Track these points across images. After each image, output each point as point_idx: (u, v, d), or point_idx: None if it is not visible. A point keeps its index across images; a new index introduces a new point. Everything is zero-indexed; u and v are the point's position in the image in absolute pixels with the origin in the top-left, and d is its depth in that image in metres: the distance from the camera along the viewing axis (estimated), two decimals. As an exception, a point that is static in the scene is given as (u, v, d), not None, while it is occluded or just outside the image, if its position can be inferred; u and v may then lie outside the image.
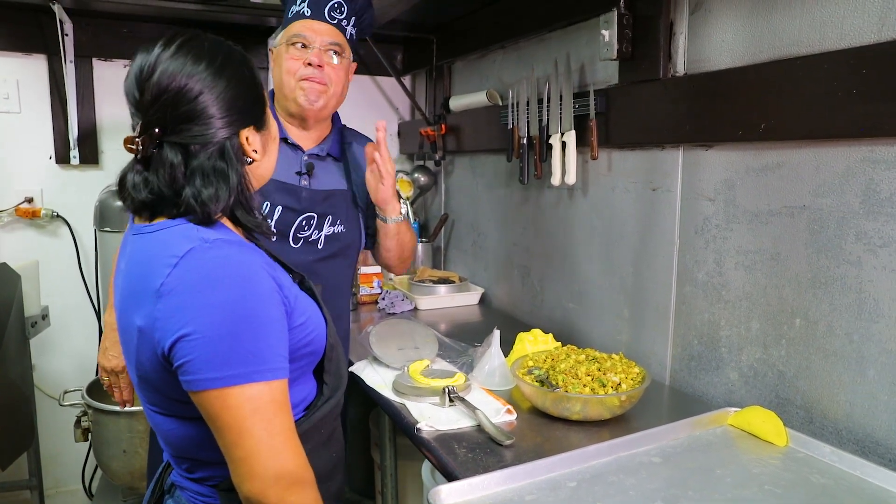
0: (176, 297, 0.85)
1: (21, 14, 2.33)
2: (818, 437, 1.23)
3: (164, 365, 0.88)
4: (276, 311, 0.90)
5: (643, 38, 1.60)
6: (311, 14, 1.53)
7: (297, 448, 0.89)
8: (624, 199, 1.76)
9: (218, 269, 0.87)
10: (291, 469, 0.87)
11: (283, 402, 0.89)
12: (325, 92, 1.53)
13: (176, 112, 0.90)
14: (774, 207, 1.36)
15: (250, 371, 0.85)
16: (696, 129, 1.48)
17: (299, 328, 0.97)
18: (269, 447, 0.86)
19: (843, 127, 1.18)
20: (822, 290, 1.28)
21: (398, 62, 2.99)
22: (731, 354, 1.48)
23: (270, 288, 0.90)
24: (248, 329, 0.86)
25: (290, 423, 0.90)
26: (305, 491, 0.89)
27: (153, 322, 0.87)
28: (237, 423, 0.85)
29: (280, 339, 0.90)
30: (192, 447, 0.96)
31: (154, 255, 0.89)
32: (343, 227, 1.63)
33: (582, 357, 1.50)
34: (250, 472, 0.86)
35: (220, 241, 0.90)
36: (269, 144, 1.04)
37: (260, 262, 0.91)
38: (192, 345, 0.84)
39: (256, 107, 0.99)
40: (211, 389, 0.85)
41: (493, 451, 1.25)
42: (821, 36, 1.25)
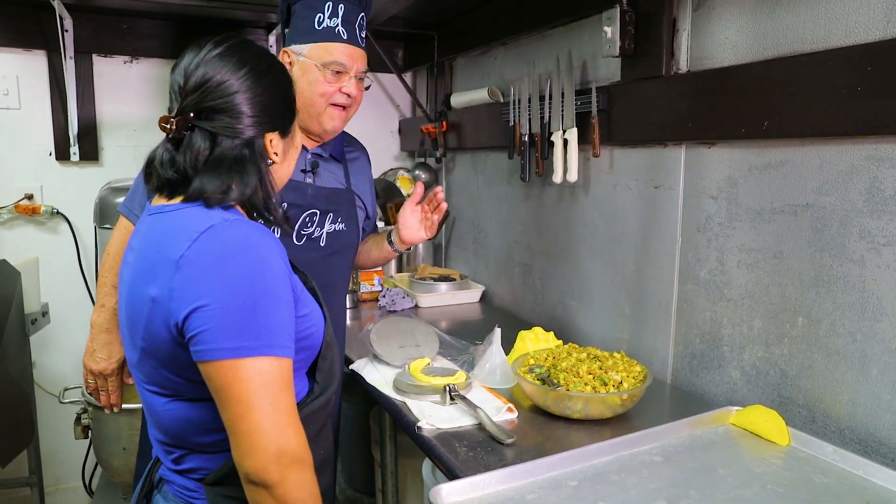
0: (195, 269, 0.88)
1: (21, 10, 2.32)
2: (820, 436, 1.23)
3: (174, 337, 0.90)
4: (287, 295, 0.92)
5: (646, 34, 1.59)
6: (348, 38, 1.52)
7: (299, 427, 0.90)
8: (626, 196, 1.76)
9: (238, 245, 0.90)
10: (294, 447, 0.88)
11: (289, 381, 0.90)
12: (349, 115, 1.58)
13: (212, 102, 0.96)
14: (777, 205, 1.35)
15: (263, 345, 0.87)
16: (698, 126, 1.47)
17: (302, 319, 0.98)
18: (274, 423, 0.87)
19: (847, 124, 1.17)
20: (825, 288, 1.27)
21: (399, 59, 2.98)
22: (734, 353, 1.47)
23: (284, 271, 0.93)
24: (264, 304, 0.88)
25: (293, 402, 0.91)
26: (305, 471, 0.90)
27: (170, 292, 0.88)
28: (246, 395, 0.86)
29: (290, 321, 0.92)
30: (185, 431, 0.97)
31: (174, 230, 0.93)
32: (344, 225, 1.64)
33: (583, 355, 1.49)
34: (254, 447, 0.86)
35: (239, 221, 0.94)
36: (290, 152, 1.09)
37: (274, 246, 0.94)
38: (208, 314, 0.86)
39: (287, 115, 1.05)
40: (224, 360, 0.86)
41: (494, 450, 1.24)
42: (826, 33, 1.24)
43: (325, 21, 1.50)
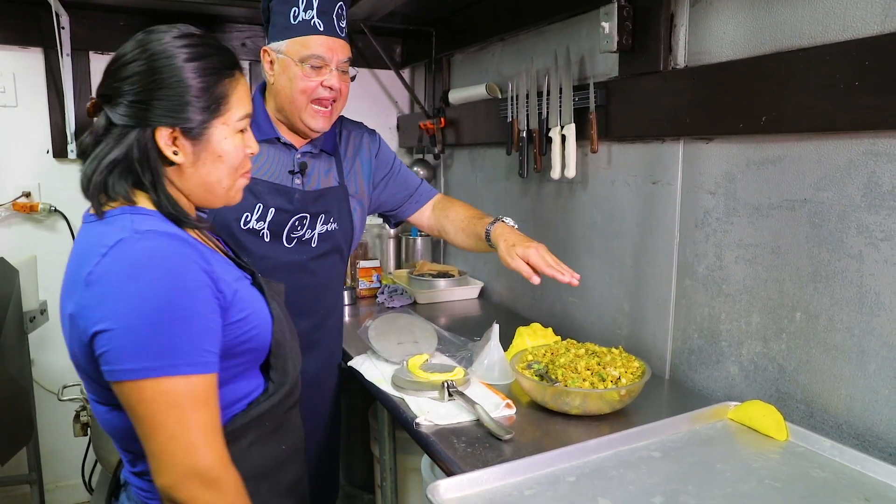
0: (100, 287, 0.86)
1: (17, 7, 2.31)
2: (818, 431, 1.23)
3: (90, 353, 0.89)
4: (202, 306, 0.89)
5: (643, 30, 1.59)
6: (325, 30, 1.46)
7: (215, 446, 0.89)
8: (624, 192, 1.76)
9: (143, 261, 0.87)
10: (206, 467, 0.87)
11: (205, 398, 0.88)
12: (335, 112, 1.53)
13: (114, 82, 0.95)
14: (775, 201, 1.35)
15: (166, 364, 0.85)
16: (696, 121, 1.47)
17: (238, 323, 0.96)
18: (182, 443, 0.86)
19: (844, 120, 1.17)
20: (823, 283, 1.27)
21: (397, 55, 2.97)
22: (732, 348, 1.47)
23: (200, 282, 0.90)
24: (168, 322, 0.86)
25: (210, 419, 0.89)
26: (221, 491, 0.88)
27: (80, 310, 0.88)
28: (150, 416, 0.86)
29: (205, 334, 0.89)
30: (127, 437, 0.96)
31: (90, 244, 0.91)
32: (336, 224, 1.62)
33: (581, 351, 1.49)
34: (162, 467, 0.86)
35: (151, 232, 0.91)
36: (210, 160, 0.99)
37: (190, 256, 0.90)
38: (110, 335, 0.85)
39: (195, 114, 0.96)
40: (126, 381, 0.85)
41: (493, 446, 1.25)
42: (823, 28, 1.24)
43: (300, 15, 1.46)
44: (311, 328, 1.64)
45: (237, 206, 1.48)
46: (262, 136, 1.53)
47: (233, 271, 1.02)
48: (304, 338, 1.62)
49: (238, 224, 1.51)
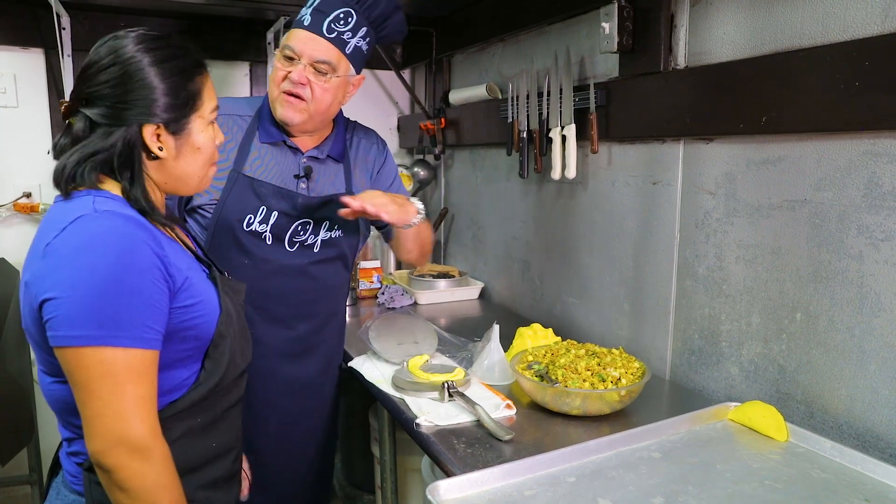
0: (55, 258, 0.91)
1: (18, 8, 2.32)
2: (819, 431, 1.23)
3: (39, 319, 0.93)
4: (149, 285, 0.94)
5: (644, 30, 1.59)
6: (309, 25, 1.46)
7: (146, 417, 0.93)
8: (624, 192, 1.76)
9: (97, 237, 0.92)
10: (136, 436, 0.91)
11: (142, 371, 0.92)
12: (306, 110, 1.47)
13: (91, 87, 0.98)
14: (775, 201, 1.35)
15: (106, 335, 0.90)
16: (696, 122, 1.47)
17: (185, 309, 1.00)
18: (115, 411, 0.90)
19: (845, 120, 1.17)
20: (824, 284, 1.27)
21: (397, 55, 2.97)
22: (732, 349, 1.47)
23: (149, 262, 0.94)
24: (113, 295, 0.90)
25: (145, 392, 0.93)
26: (150, 460, 0.92)
27: (34, 278, 0.93)
28: (87, 383, 0.90)
29: (149, 312, 0.93)
30: (68, 411, 0.99)
31: (52, 220, 0.96)
32: (339, 231, 1.61)
33: (582, 352, 1.49)
34: (93, 432, 0.91)
35: (109, 212, 0.95)
36: (189, 152, 1.06)
37: (143, 238, 0.95)
38: (58, 302, 0.90)
39: (176, 110, 1.02)
40: (67, 346, 0.90)
41: (493, 447, 1.25)
42: (823, 28, 1.24)
43: (303, 11, 1.50)
44: (309, 333, 1.64)
45: (241, 208, 1.51)
46: (269, 139, 1.54)
47: (186, 259, 1.05)
48: (302, 342, 1.63)
49: (241, 225, 1.51)
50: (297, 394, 1.64)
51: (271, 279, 1.55)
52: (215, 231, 1.51)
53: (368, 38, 1.52)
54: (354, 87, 1.56)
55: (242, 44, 2.64)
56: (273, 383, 1.60)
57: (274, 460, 1.63)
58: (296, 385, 1.64)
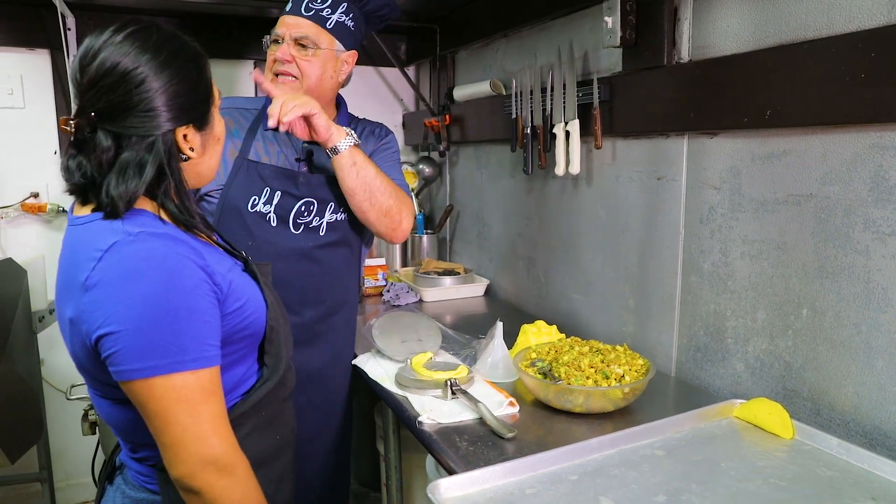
0: (100, 291, 0.88)
1: (23, 9, 2.33)
2: (825, 429, 1.22)
3: (94, 355, 0.91)
4: (202, 303, 0.92)
5: (647, 24, 1.57)
6: (290, 9, 1.57)
7: (225, 434, 0.93)
8: (628, 188, 1.74)
9: (140, 263, 0.89)
10: (218, 454, 0.91)
11: (212, 389, 0.92)
12: (299, 87, 1.55)
13: (113, 98, 0.90)
14: (781, 196, 1.33)
15: (172, 362, 0.88)
16: (700, 116, 1.45)
17: (236, 312, 0.99)
18: (194, 434, 0.89)
19: (850, 113, 1.15)
20: (830, 279, 1.25)
21: (402, 52, 2.96)
22: (738, 345, 1.45)
23: (197, 279, 0.92)
24: (170, 321, 0.88)
25: (218, 409, 0.93)
26: (235, 476, 0.92)
27: (80, 314, 0.90)
28: (162, 411, 0.89)
29: (206, 329, 0.92)
30: (130, 429, 0.99)
31: (81, 247, 0.91)
32: (345, 214, 1.63)
33: (585, 349, 1.48)
34: (177, 458, 0.90)
35: (143, 233, 0.91)
36: (212, 145, 1.05)
37: (184, 253, 0.92)
38: (115, 337, 0.87)
39: (200, 106, 0.99)
40: (136, 380, 0.88)
41: (495, 444, 1.24)
42: (828, 19, 1.22)
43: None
44: (315, 319, 1.64)
45: (245, 191, 1.55)
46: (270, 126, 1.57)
47: (225, 261, 1.03)
48: (307, 329, 1.63)
49: (246, 208, 1.56)
50: (303, 385, 1.64)
51: (276, 262, 1.55)
52: (221, 215, 1.56)
53: (352, 14, 1.59)
54: (347, 63, 1.62)
55: (247, 42, 2.64)
56: None
57: None
58: (302, 375, 1.63)
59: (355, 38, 1.62)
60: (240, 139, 1.60)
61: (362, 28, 1.64)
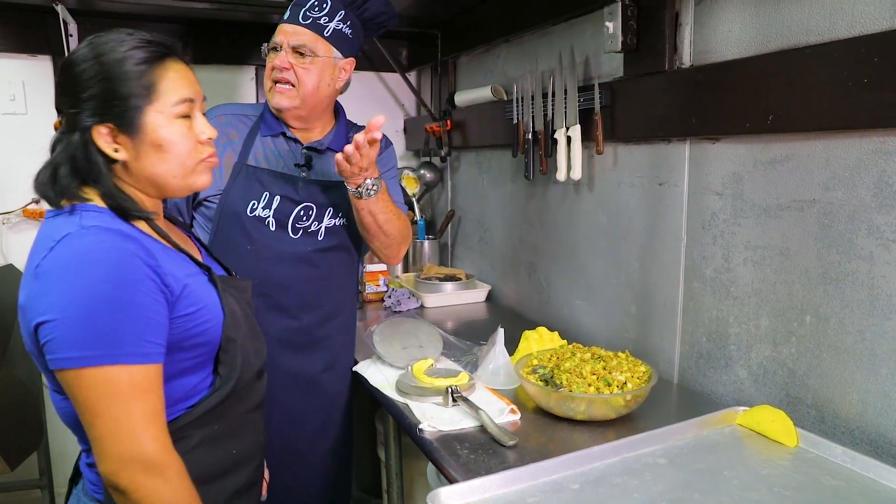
0: (46, 279, 0.89)
1: (25, 16, 2.33)
2: (830, 437, 1.20)
3: (36, 342, 0.92)
4: (144, 299, 0.91)
5: (648, 29, 1.57)
6: (288, 18, 1.58)
7: (156, 433, 0.91)
8: (630, 194, 1.73)
9: (85, 255, 0.90)
10: (146, 453, 0.89)
11: (146, 386, 0.91)
12: (295, 94, 1.56)
13: (61, 95, 1.00)
14: (783, 201, 1.33)
15: (105, 354, 0.88)
16: (702, 121, 1.45)
17: (188, 317, 0.98)
18: (124, 430, 0.89)
19: (853, 118, 1.15)
20: (833, 286, 1.24)
21: (403, 58, 2.97)
22: (740, 352, 1.44)
23: (141, 275, 0.92)
24: (108, 313, 0.88)
25: (152, 407, 0.91)
26: (164, 477, 0.91)
27: (27, 302, 0.91)
28: (91, 403, 0.89)
29: (146, 325, 0.91)
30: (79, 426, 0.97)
31: (41, 238, 0.95)
32: (345, 219, 1.64)
33: (587, 355, 1.47)
34: (103, 453, 0.89)
35: (96, 227, 0.93)
36: (149, 152, 1.00)
37: (131, 250, 0.92)
38: (52, 325, 0.88)
39: (120, 107, 0.97)
40: (67, 369, 0.88)
41: (496, 452, 1.23)
42: (830, 24, 1.21)
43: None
44: (314, 324, 1.64)
45: (245, 194, 1.56)
46: (270, 132, 1.63)
47: (185, 267, 1.03)
48: (306, 333, 1.63)
49: (245, 212, 1.56)
50: (301, 390, 1.64)
51: (275, 266, 1.58)
52: (220, 220, 1.57)
53: (350, 22, 1.60)
54: (345, 70, 1.63)
55: (248, 48, 2.64)
56: (275, 376, 1.59)
57: (278, 461, 1.62)
58: (300, 380, 1.64)
59: (353, 45, 1.63)
60: (239, 144, 1.60)
61: (360, 35, 1.65)
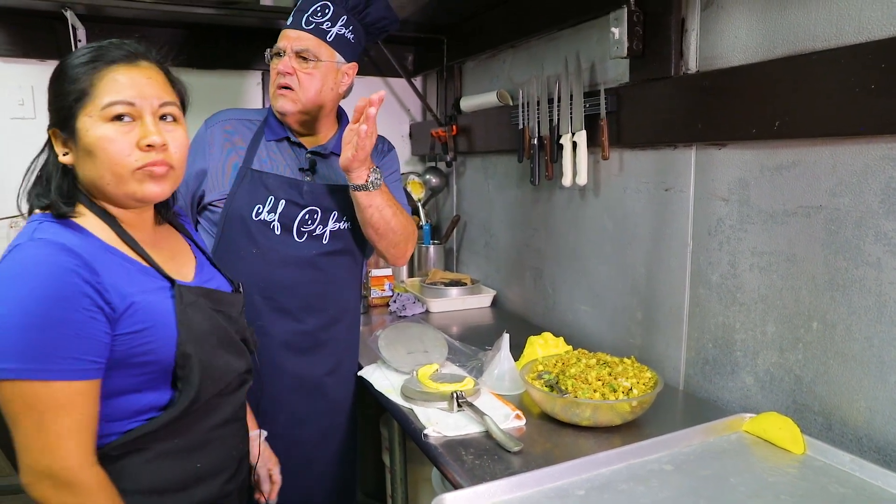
0: None
1: (34, 21, 2.35)
2: (837, 444, 1.20)
3: None
4: (74, 315, 0.90)
5: (654, 35, 1.57)
6: (291, 23, 1.59)
7: (73, 450, 0.91)
8: (636, 199, 1.73)
9: (24, 268, 0.91)
10: (57, 470, 0.90)
11: (67, 403, 0.90)
12: (297, 98, 1.57)
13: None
14: (790, 207, 1.32)
15: (24, 368, 0.88)
16: (708, 127, 1.44)
17: (134, 335, 0.96)
18: (38, 444, 0.90)
19: (860, 123, 1.14)
20: (840, 292, 1.24)
21: (409, 63, 2.97)
22: (747, 358, 1.44)
23: (73, 291, 0.90)
24: (35, 327, 0.88)
25: (71, 423, 0.91)
26: (76, 495, 0.91)
27: None
28: (11, 415, 0.90)
29: (76, 342, 0.90)
30: None
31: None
32: (349, 223, 1.65)
33: (593, 361, 1.47)
34: (22, 465, 0.91)
35: (43, 240, 0.93)
36: (83, 156, 0.99)
37: (70, 266, 0.91)
38: None
39: (60, 112, 1.00)
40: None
41: (501, 458, 1.23)
42: (837, 30, 1.21)
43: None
44: (318, 328, 1.65)
45: (249, 199, 1.58)
46: (275, 136, 1.64)
47: (144, 282, 1.00)
48: (309, 337, 1.64)
49: (250, 216, 1.57)
50: (306, 393, 1.65)
51: (279, 269, 1.59)
52: (225, 224, 1.58)
53: (352, 27, 1.62)
54: (348, 75, 1.64)
55: (254, 53, 2.65)
56: (280, 379, 1.60)
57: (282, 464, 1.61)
58: (306, 383, 1.64)
59: (355, 50, 1.65)
60: (243, 149, 1.61)
61: (362, 40, 1.67)
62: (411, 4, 2.21)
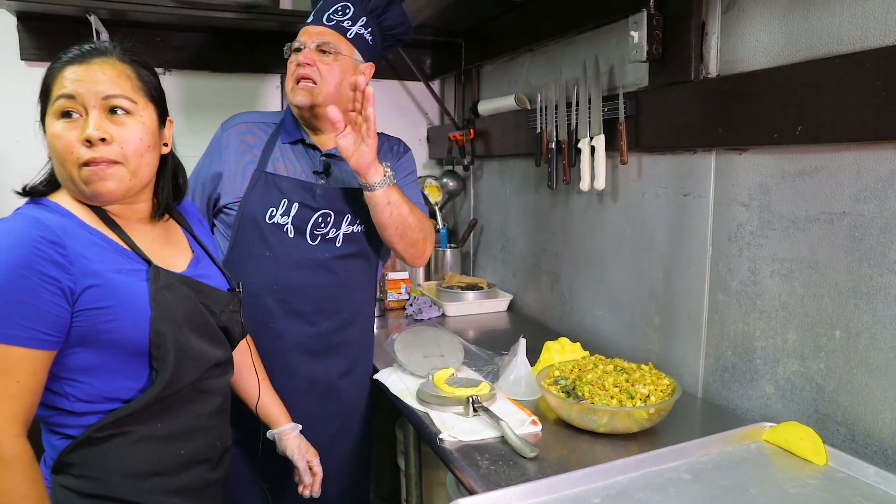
0: None
1: (59, 25, 2.39)
2: (861, 456, 1.17)
3: None
4: (27, 283, 0.92)
5: (674, 38, 1.56)
6: (311, 21, 1.61)
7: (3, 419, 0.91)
8: (654, 204, 1.72)
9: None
10: None
11: (6, 368, 0.91)
12: (318, 91, 1.56)
13: None
14: (812, 213, 1.30)
15: None
16: (729, 132, 1.42)
17: (97, 311, 0.97)
18: None
19: (886, 129, 1.12)
20: (864, 300, 1.21)
21: (427, 66, 2.98)
22: (767, 366, 1.42)
23: (33, 259, 0.93)
24: None
25: (8, 390, 0.91)
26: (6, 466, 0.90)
27: None
28: None
29: (24, 309, 0.92)
30: None
31: None
32: (363, 226, 1.65)
33: (610, 367, 1.45)
34: None
35: (21, 214, 1.00)
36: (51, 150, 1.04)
37: (33, 236, 0.94)
38: None
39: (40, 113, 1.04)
40: None
41: (517, 464, 1.22)
42: (862, 33, 1.19)
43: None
44: (331, 331, 1.65)
45: (263, 202, 1.57)
46: (290, 139, 1.64)
47: (119, 262, 1.02)
48: (323, 340, 1.64)
49: (263, 219, 1.57)
50: (318, 395, 1.65)
51: (293, 272, 1.59)
52: (239, 227, 1.58)
53: (371, 28, 1.63)
54: (365, 75, 1.63)
55: (273, 56, 2.65)
56: (293, 381, 1.60)
57: None
58: (318, 386, 1.65)
59: (373, 52, 1.66)
60: (258, 151, 1.62)
61: (379, 44, 1.67)
62: (429, 8, 2.21)
